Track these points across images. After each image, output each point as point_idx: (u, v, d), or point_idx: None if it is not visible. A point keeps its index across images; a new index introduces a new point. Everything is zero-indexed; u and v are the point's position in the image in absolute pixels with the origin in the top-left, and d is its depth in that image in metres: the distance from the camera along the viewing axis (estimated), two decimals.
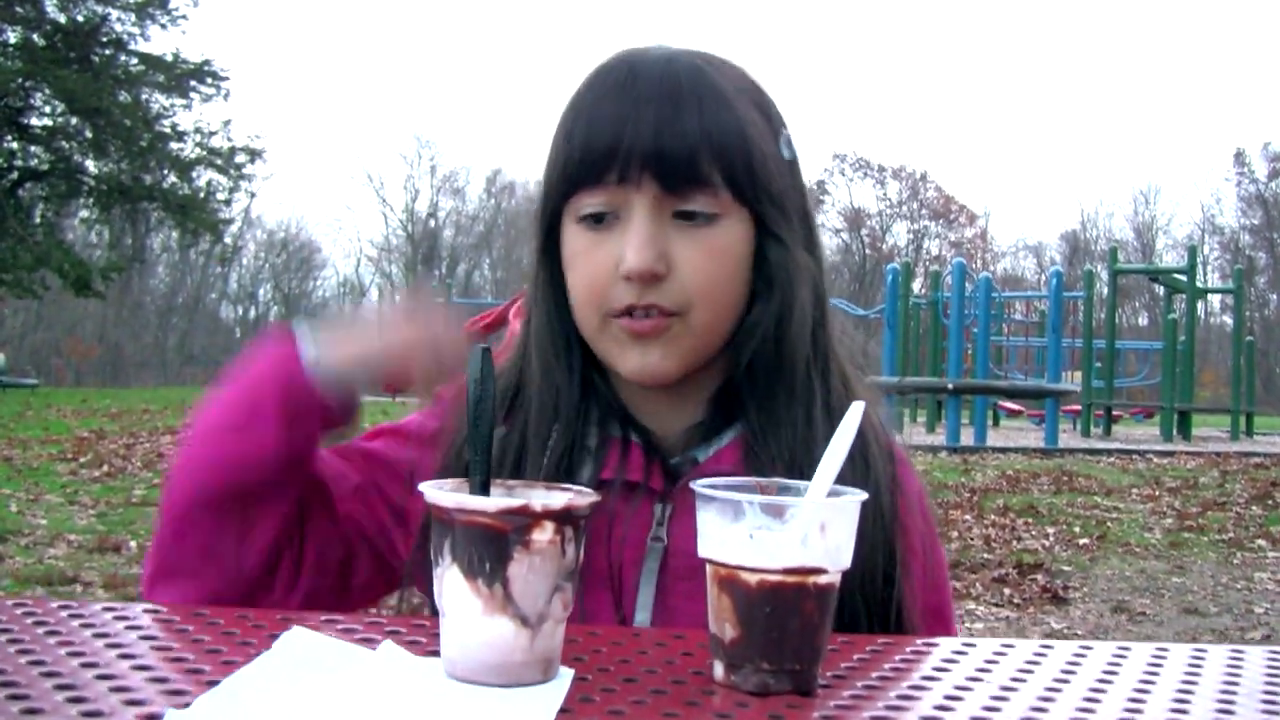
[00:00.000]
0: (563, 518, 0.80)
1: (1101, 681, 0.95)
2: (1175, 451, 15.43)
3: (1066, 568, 8.14)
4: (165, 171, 34.39)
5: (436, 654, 0.85)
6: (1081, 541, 9.07)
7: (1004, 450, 15.26)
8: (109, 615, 0.97)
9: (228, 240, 42.29)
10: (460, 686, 0.80)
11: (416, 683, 0.80)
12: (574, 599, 0.83)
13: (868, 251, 71.65)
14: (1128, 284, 49.01)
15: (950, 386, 16.27)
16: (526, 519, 0.79)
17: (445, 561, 0.81)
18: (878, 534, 1.19)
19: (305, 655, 0.82)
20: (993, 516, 10.05)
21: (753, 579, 0.83)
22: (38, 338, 59.19)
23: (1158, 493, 11.73)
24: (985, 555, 8.35)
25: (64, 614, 0.96)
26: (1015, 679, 0.94)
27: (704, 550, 0.85)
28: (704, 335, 1.20)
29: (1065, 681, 0.95)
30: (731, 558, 0.83)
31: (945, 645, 1.01)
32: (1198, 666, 1.00)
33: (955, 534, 9.24)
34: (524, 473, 1.18)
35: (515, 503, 0.79)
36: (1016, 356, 31.34)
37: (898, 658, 0.97)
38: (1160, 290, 24.98)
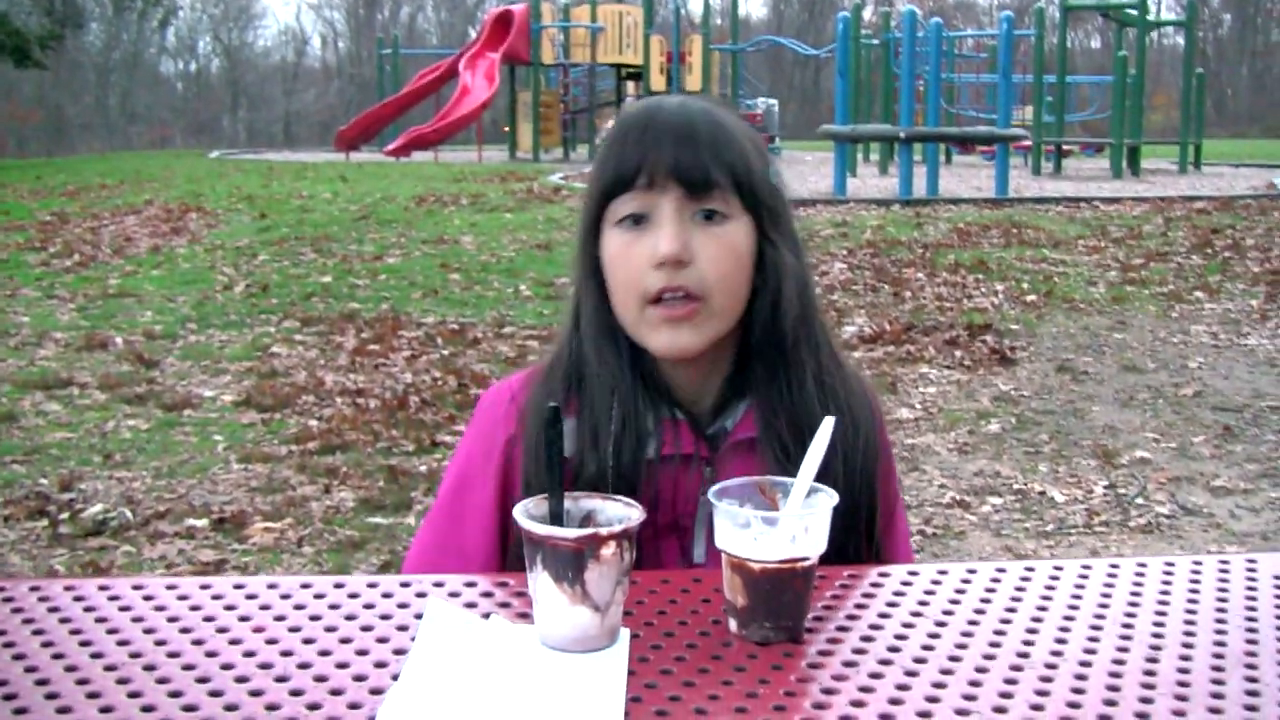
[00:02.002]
0: (621, 535, 1.12)
1: (1013, 600, 1.29)
2: (1122, 198, 15.79)
3: (1014, 326, 8.58)
4: None
5: (529, 620, 1.17)
6: (1029, 299, 9.51)
7: (955, 201, 15.58)
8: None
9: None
10: (553, 653, 1.13)
11: (524, 650, 1.13)
12: (628, 587, 1.15)
13: None
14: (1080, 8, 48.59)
15: (902, 135, 16.44)
16: (596, 540, 1.11)
17: (538, 569, 1.12)
18: (861, 492, 1.53)
19: (450, 630, 1.15)
20: (944, 274, 10.45)
21: (756, 566, 1.15)
22: None
23: (1103, 244, 12.15)
24: (938, 317, 8.77)
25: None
26: (952, 600, 1.28)
27: (720, 543, 1.17)
28: (721, 318, 1.51)
29: (988, 601, 1.29)
30: (741, 552, 1.16)
31: (895, 576, 1.35)
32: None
33: (909, 294, 9.65)
34: (599, 447, 1.48)
35: (587, 532, 1.11)
36: (969, 94, 31.40)
37: (860, 593, 1.30)
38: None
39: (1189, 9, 24.90)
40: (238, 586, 1.28)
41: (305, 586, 1.29)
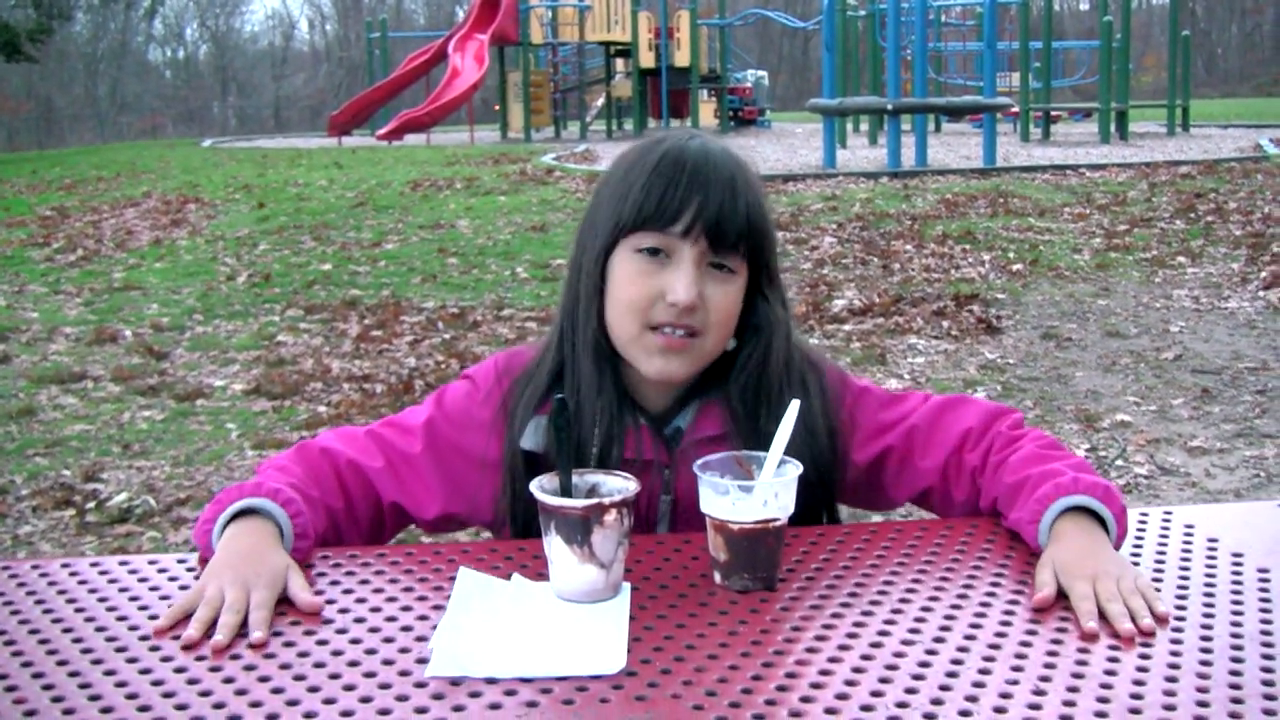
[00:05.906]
0: (621, 504, 1.34)
1: (958, 552, 1.51)
2: (1108, 164, 15.98)
3: (1000, 295, 8.79)
4: None
5: (545, 578, 1.40)
6: (1015, 268, 9.71)
7: (943, 172, 15.76)
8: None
9: None
10: (567, 604, 1.35)
11: (542, 602, 1.36)
12: (629, 547, 1.37)
13: None
14: None
15: (890, 107, 16.60)
16: (600, 509, 1.33)
17: (551, 533, 1.34)
18: (824, 467, 1.70)
19: (479, 588, 1.37)
20: (932, 245, 10.64)
21: (735, 527, 1.37)
22: None
23: (1088, 210, 12.34)
24: (926, 288, 8.98)
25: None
26: (906, 554, 1.50)
27: (704, 508, 1.40)
28: (710, 354, 1.67)
29: (936, 554, 1.51)
30: (722, 514, 1.38)
31: (856, 533, 1.57)
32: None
33: (897, 266, 9.85)
34: (580, 442, 1.64)
35: (593, 501, 1.33)
36: (955, 62, 31.54)
37: (828, 548, 1.52)
38: None
39: None
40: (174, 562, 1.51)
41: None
